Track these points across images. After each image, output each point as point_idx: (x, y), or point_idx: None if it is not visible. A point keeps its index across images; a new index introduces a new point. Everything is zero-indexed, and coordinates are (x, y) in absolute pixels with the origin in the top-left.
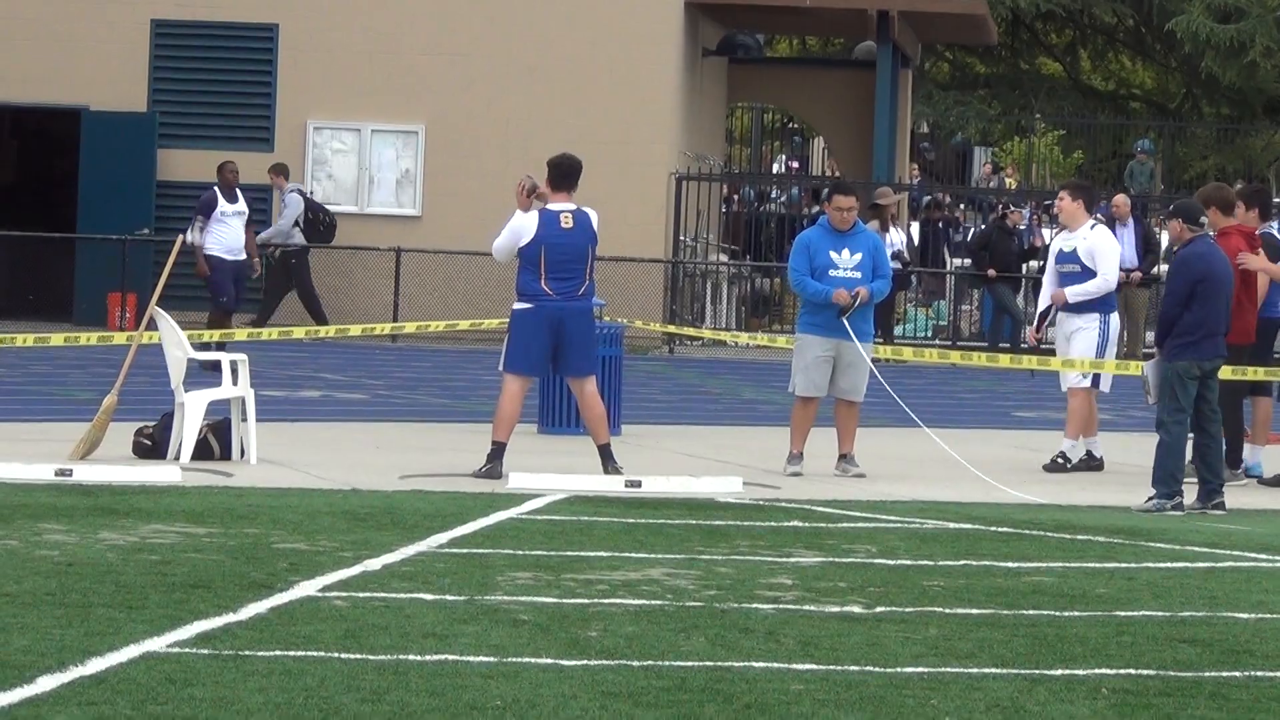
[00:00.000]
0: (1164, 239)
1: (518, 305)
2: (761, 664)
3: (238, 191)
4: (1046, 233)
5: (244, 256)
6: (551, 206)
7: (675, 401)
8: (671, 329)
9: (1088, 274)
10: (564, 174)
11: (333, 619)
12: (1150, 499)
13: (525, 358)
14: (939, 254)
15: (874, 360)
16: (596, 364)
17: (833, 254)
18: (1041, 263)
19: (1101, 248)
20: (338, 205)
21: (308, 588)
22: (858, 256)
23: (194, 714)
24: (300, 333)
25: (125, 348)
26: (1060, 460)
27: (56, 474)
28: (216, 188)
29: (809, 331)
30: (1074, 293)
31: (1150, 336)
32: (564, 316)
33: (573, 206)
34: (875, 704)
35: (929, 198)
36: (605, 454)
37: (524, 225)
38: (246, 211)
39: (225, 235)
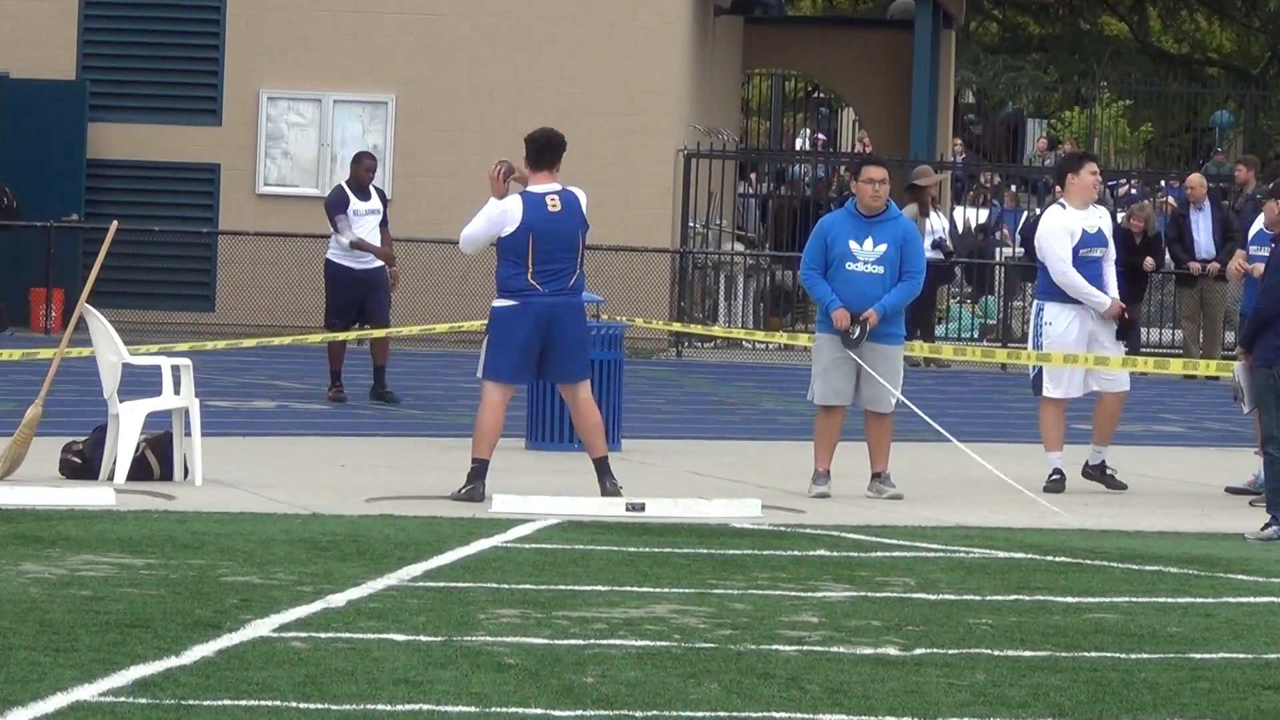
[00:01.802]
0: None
1: (499, 302)
2: (783, 714)
3: (371, 189)
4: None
5: (376, 264)
6: (534, 188)
7: (683, 412)
8: (677, 327)
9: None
10: (543, 149)
11: (290, 663)
12: (1269, 525)
13: (509, 363)
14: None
15: (910, 363)
16: (589, 367)
17: (853, 244)
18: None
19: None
20: (295, 187)
21: (261, 627)
22: (882, 248)
23: None
24: (251, 343)
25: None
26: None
27: None
28: (345, 184)
29: (828, 331)
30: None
31: (1230, 336)
32: (553, 314)
33: (557, 187)
34: None
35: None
36: (602, 469)
37: (506, 212)
38: (381, 210)
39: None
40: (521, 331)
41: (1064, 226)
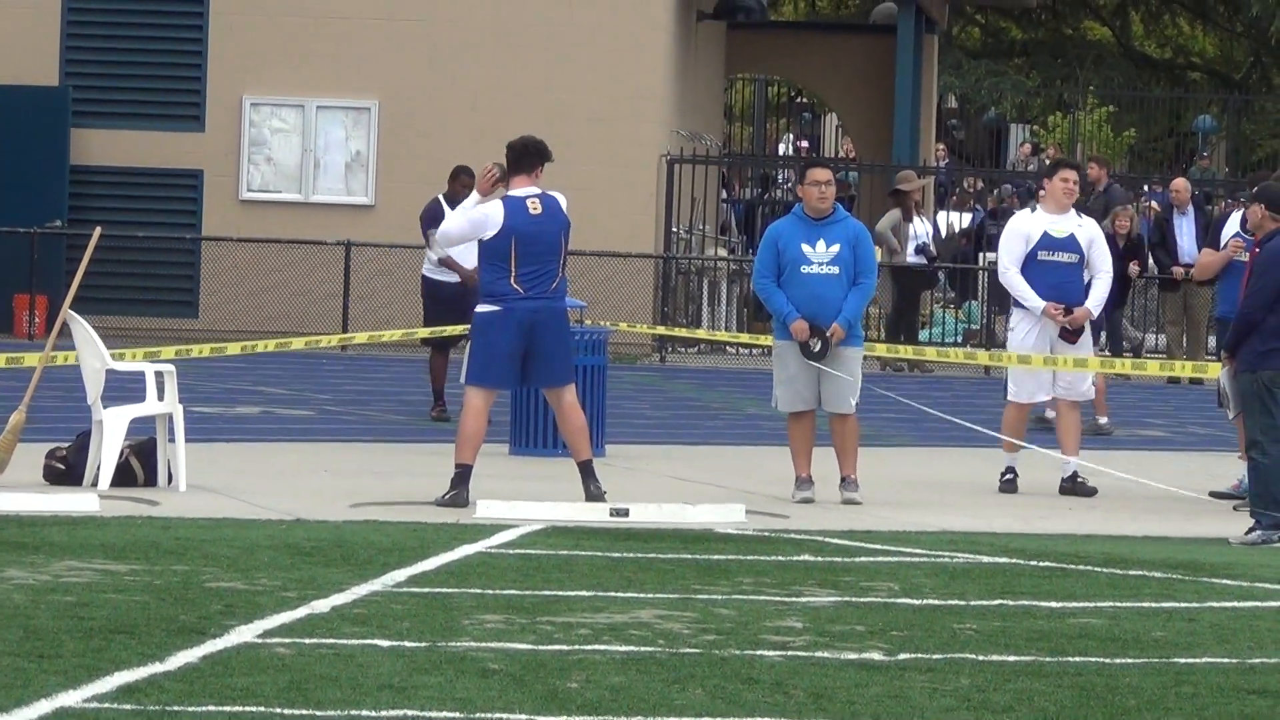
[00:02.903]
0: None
1: (481, 308)
2: (767, 719)
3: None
4: None
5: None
6: (514, 193)
7: (667, 417)
8: (661, 331)
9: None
10: (522, 155)
11: (274, 669)
12: (1252, 530)
13: (492, 368)
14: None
15: (894, 367)
16: (574, 370)
17: (805, 247)
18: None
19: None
20: (278, 193)
21: (245, 633)
22: (835, 248)
23: None
24: (235, 348)
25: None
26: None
27: None
28: (441, 197)
29: (786, 337)
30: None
31: (1214, 342)
32: (536, 319)
33: (537, 191)
34: None
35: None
36: (587, 472)
37: (489, 215)
38: None
39: (455, 254)
40: (504, 336)
41: (1020, 230)
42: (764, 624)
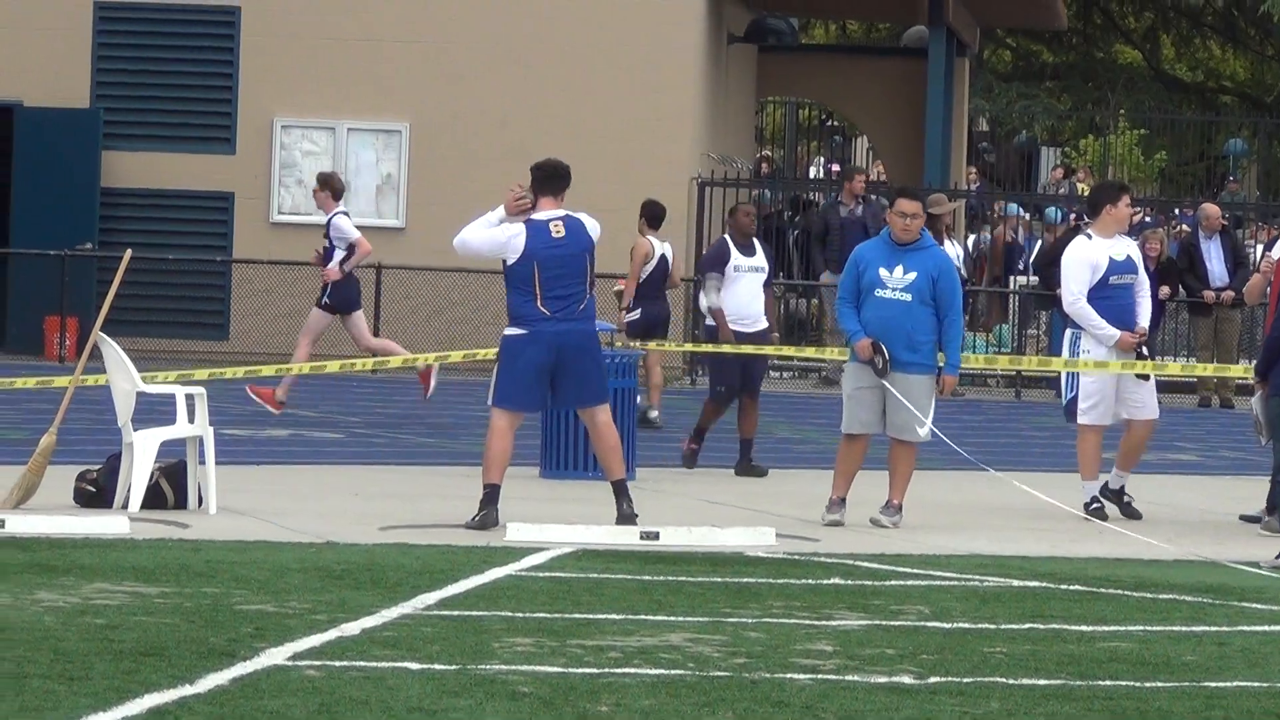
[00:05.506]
0: (1257, 252)
1: (509, 331)
2: None
3: (756, 242)
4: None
5: (762, 325)
6: (538, 215)
7: None
8: (689, 347)
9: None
10: (549, 176)
11: (304, 692)
12: None
13: (517, 390)
14: None
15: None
16: (607, 390)
17: (883, 271)
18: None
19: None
20: (309, 215)
21: (275, 655)
22: (911, 276)
23: None
24: (270, 370)
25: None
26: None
27: None
28: (728, 236)
29: (854, 359)
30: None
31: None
32: (563, 341)
33: (562, 213)
34: None
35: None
36: (620, 491)
37: (510, 237)
38: (766, 268)
39: (734, 298)
40: (531, 359)
41: (1086, 258)
42: (794, 647)
